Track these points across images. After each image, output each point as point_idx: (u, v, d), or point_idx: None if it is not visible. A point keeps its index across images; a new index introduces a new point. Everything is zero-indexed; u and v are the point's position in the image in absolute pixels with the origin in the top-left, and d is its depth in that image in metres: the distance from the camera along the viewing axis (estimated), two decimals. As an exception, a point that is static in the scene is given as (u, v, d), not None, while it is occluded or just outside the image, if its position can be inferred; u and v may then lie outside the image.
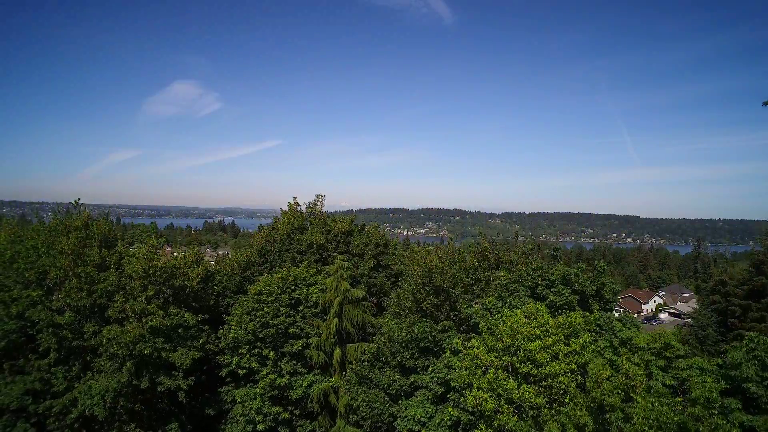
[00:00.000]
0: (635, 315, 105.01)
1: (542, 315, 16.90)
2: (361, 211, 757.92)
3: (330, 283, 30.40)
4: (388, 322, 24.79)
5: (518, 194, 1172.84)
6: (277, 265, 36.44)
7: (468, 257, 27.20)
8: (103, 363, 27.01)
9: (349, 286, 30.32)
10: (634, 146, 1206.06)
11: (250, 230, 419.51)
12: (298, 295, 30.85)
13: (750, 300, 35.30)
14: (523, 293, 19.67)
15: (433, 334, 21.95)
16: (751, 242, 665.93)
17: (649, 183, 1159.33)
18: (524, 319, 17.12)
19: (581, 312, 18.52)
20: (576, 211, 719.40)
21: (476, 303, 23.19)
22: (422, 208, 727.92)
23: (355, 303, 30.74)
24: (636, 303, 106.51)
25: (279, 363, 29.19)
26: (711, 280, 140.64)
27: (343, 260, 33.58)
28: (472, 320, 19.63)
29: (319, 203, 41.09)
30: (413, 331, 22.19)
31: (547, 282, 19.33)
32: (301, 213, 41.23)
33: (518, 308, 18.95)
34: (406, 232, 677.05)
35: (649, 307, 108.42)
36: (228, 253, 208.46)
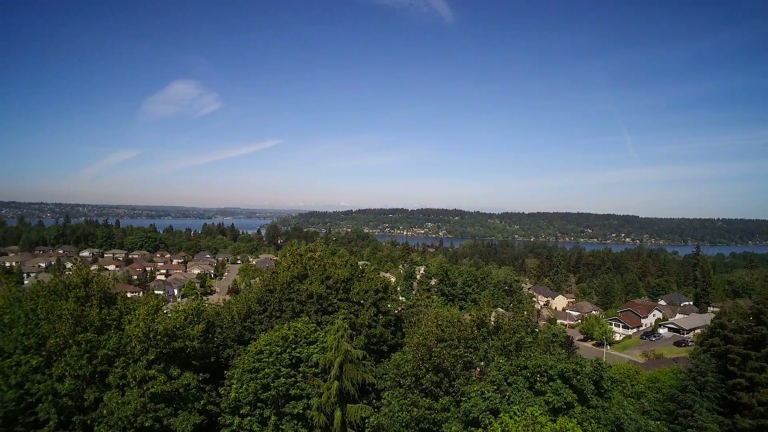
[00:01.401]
0: (635, 330, 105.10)
1: (540, 424, 16.93)
2: (360, 211, 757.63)
3: (330, 341, 30.41)
4: (388, 397, 24.79)
5: (518, 194, 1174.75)
6: (277, 315, 36.48)
7: (468, 323, 27.20)
8: (104, 430, 27.03)
9: (349, 346, 30.35)
10: (634, 145, 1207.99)
11: (249, 232, 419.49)
12: (298, 354, 30.87)
13: (750, 350, 35.35)
14: (521, 385, 19.70)
15: (433, 415, 21.98)
16: (750, 242, 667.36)
17: (648, 182, 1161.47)
18: (524, 423, 17.18)
19: (580, 409, 18.54)
20: (575, 211, 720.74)
21: (476, 381, 23.19)
22: (421, 209, 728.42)
23: (356, 362, 30.81)
24: (635, 317, 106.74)
25: (280, 425, 29.23)
26: (710, 291, 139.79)
27: (344, 319, 33.74)
28: (471, 415, 19.66)
29: (319, 248, 41.16)
30: (413, 411, 22.23)
31: (547, 377, 19.35)
32: (301, 256, 41.22)
33: (516, 404, 18.97)
34: (405, 233, 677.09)
35: (648, 321, 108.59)
36: (227, 259, 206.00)
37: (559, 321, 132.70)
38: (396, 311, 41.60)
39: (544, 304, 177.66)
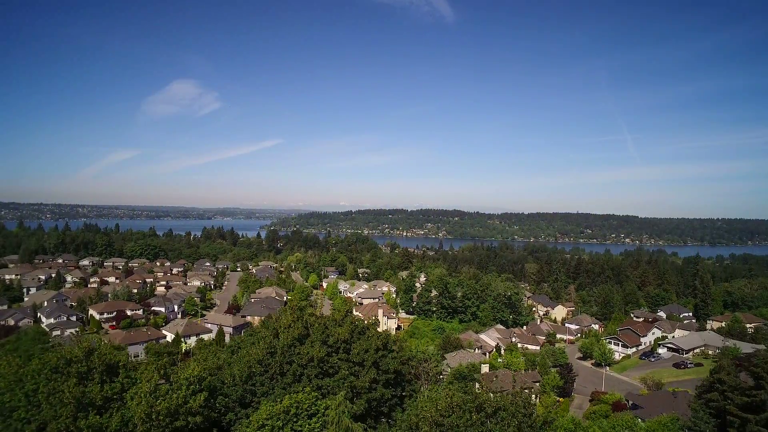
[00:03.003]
0: (634, 349, 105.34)
1: None
2: (360, 212, 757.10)
3: (332, 416, 30.55)
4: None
5: (518, 194, 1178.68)
6: (279, 378, 36.57)
7: (467, 402, 27.35)
8: None
9: (349, 421, 30.53)
10: (635, 145, 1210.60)
11: (249, 235, 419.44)
12: (299, 428, 30.98)
13: (749, 413, 35.51)
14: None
15: None
16: (749, 242, 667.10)
17: (648, 181, 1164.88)
18: None
19: None
20: (575, 212, 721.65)
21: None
22: (421, 209, 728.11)
23: (356, 438, 30.98)
24: (635, 336, 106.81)
25: (281, 502, 29.41)
26: (710, 302, 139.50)
27: (343, 381, 33.81)
28: None
29: (319, 302, 41.27)
30: None
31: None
32: (301, 311, 41.35)
33: None
34: (405, 234, 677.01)
35: (647, 340, 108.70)
36: (227, 267, 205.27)
37: (558, 336, 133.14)
38: (397, 362, 41.49)
39: (544, 314, 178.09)
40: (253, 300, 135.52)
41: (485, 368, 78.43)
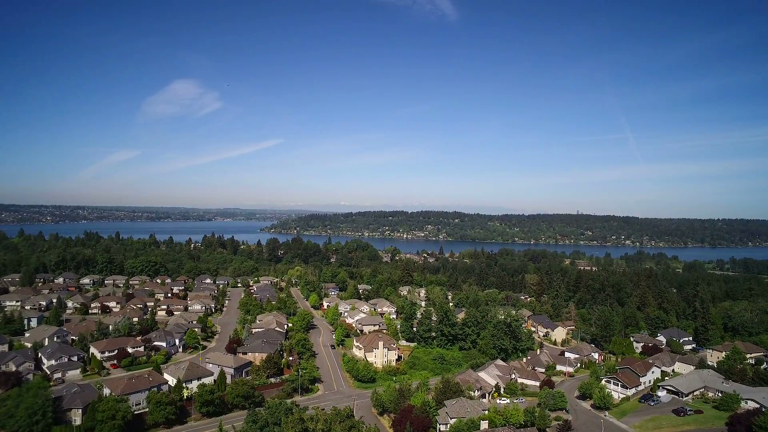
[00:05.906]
0: (633, 390, 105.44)
1: None
2: (360, 213, 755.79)
3: None
4: None
5: (518, 193, 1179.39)
6: None
7: None
8: None
9: None
10: (636, 143, 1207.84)
11: (249, 242, 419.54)
12: None
13: None
14: None
15: None
16: (750, 243, 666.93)
17: (649, 180, 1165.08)
18: None
19: None
20: (575, 212, 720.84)
21: None
22: (421, 211, 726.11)
23: None
24: (634, 376, 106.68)
25: None
26: (710, 327, 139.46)
27: None
28: None
29: (321, 417, 41.33)
30: None
31: None
32: (302, 422, 41.30)
33: None
34: (405, 236, 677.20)
35: (647, 379, 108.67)
36: (227, 283, 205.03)
37: (558, 367, 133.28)
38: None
39: (544, 335, 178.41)
40: (253, 331, 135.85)
41: (485, 425, 78.67)
